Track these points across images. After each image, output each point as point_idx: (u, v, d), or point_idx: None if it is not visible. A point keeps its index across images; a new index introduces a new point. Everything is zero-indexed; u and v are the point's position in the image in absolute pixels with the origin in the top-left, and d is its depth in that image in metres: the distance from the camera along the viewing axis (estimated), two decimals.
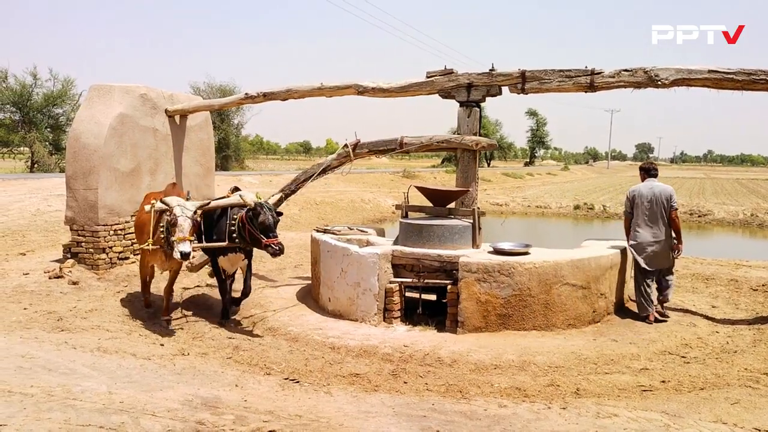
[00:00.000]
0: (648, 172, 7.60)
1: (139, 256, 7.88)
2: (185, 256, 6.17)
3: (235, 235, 6.81)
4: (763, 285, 8.96)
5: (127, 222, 9.02)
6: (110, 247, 8.76)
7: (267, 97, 9.30)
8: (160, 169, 9.78)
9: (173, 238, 6.30)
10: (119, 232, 8.90)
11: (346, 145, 8.70)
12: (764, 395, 4.86)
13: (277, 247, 6.52)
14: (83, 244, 8.64)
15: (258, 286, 8.89)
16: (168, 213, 6.52)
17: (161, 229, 6.67)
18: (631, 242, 7.39)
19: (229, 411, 4.37)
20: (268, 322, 7.03)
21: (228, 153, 39.28)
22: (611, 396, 4.90)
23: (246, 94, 9.58)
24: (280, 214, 6.93)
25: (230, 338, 6.49)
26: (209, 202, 7.03)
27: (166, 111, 9.83)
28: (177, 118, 10.10)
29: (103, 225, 8.62)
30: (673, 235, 7.27)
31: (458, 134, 8.22)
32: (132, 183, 9.14)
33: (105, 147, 8.53)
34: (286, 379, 5.18)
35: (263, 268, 10.34)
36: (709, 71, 6.89)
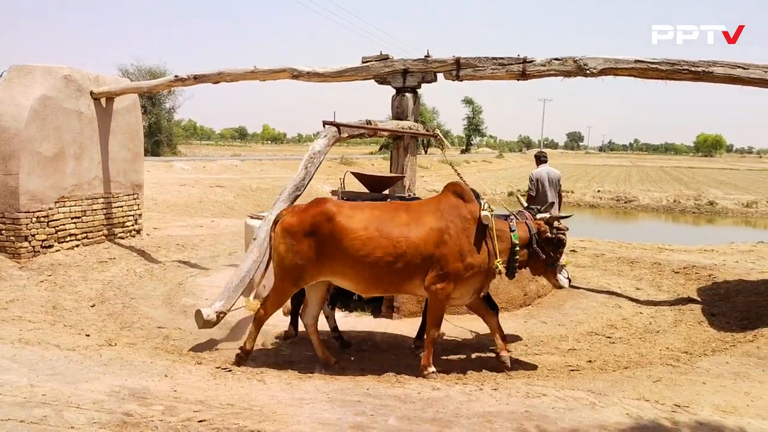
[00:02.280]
0: (540, 159, 9.10)
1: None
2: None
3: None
4: (684, 268, 9.37)
5: (50, 209, 8.66)
6: (33, 235, 8.40)
7: (198, 79, 9.06)
8: (86, 153, 9.42)
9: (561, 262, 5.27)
10: (42, 219, 8.54)
11: (334, 124, 7.94)
12: (684, 373, 5.08)
13: None
14: (3, 231, 8.26)
15: (189, 275, 8.70)
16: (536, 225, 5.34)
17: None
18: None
19: (158, 402, 4.25)
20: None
21: (160, 138, 38.19)
22: (540, 376, 5.03)
23: (176, 76, 9.32)
24: None
25: (160, 328, 6.33)
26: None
27: (92, 93, 9.46)
28: (103, 101, 9.74)
29: (25, 212, 8.25)
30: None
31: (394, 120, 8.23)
32: (56, 168, 8.76)
33: (26, 130, 8.15)
34: (218, 368, 5.08)
35: (195, 256, 10.13)
36: (635, 61, 7.11)
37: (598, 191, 31.09)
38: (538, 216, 5.42)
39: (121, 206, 10.40)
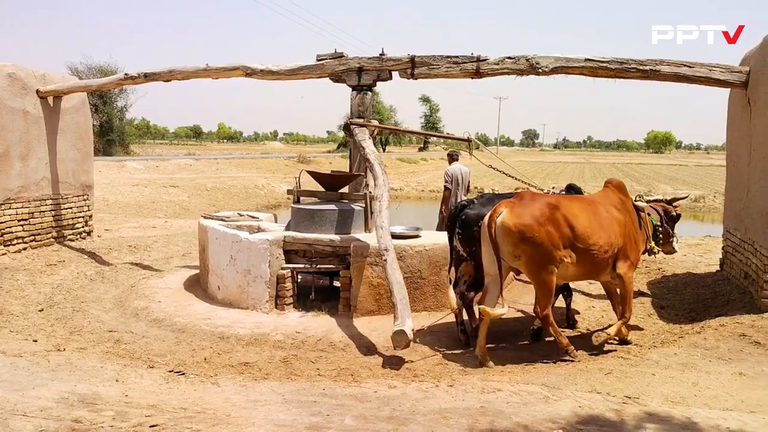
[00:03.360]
0: (452, 157, 10.02)
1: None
2: None
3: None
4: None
5: None
6: None
7: (149, 77, 8.88)
8: (33, 154, 9.14)
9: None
10: None
11: (361, 125, 7.83)
12: (634, 365, 5.20)
13: None
14: None
15: (142, 277, 8.53)
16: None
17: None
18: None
19: (109, 407, 4.16)
20: (152, 314, 6.75)
21: (111, 137, 37.37)
22: (496, 371, 5.08)
23: (126, 74, 9.12)
24: None
25: (111, 332, 6.18)
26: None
27: (38, 92, 9.19)
28: (50, 99, 9.47)
29: None
30: None
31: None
32: (0, 169, 8.48)
33: None
34: (170, 371, 4.99)
35: (148, 257, 9.94)
36: (586, 60, 7.23)
37: (553, 188, 31.56)
38: (653, 199, 6.67)
39: (71, 208, 10.13)
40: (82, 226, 10.47)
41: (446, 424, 3.91)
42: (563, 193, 6.69)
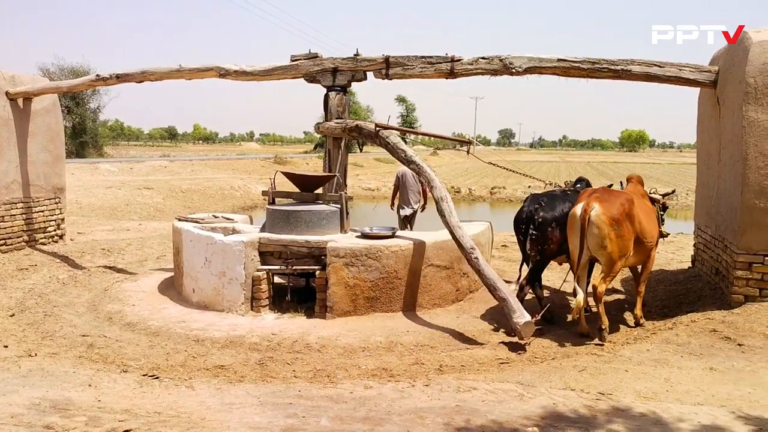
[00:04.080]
0: None
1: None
2: None
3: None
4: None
5: None
6: None
7: (121, 79, 8.78)
8: (3, 156, 9.00)
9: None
10: None
11: (387, 127, 7.88)
12: (608, 362, 5.26)
13: None
14: None
15: (116, 280, 8.42)
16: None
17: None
18: (403, 207, 10.35)
19: (81, 412, 4.12)
20: (126, 317, 6.67)
21: (85, 139, 36.93)
22: (471, 370, 5.10)
23: (97, 75, 9.01)
24: None
25: (84, 336, 6.09)
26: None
27: (7, 93, 9.06)
28: (20, 101, 9.32)
29: None
30: (422, 200, 10.47)
31: (325, 120, 8.18)
32: None
33: None
34: (144, 375, 4.93)
35: (122, 260, 9.82)
36: (558, 60, 7.29)
37: (529, 187, 31.80)
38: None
39: (42, 211, 9.98)
40: (54, 230, 10.32)
41: (422, 424, 3.93)
42: (579, 187, 7.27)
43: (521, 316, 5.83)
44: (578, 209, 5.96)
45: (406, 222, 10.43)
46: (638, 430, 3.83)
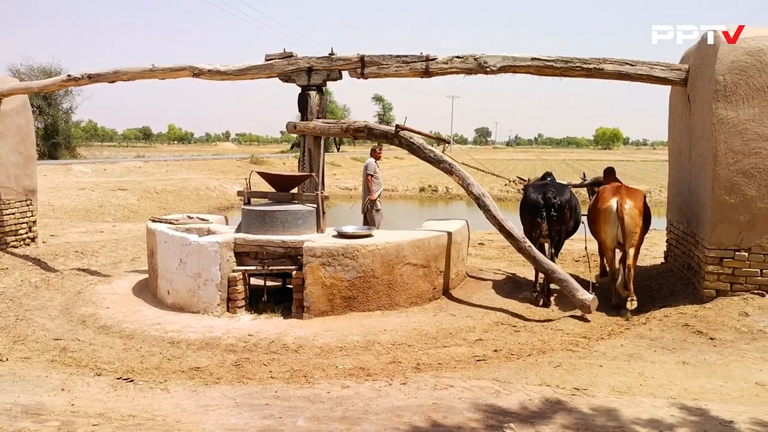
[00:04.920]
0: (373, 152, 10.36)
1: None
2: None
3: None
4: (583, 256, 9.78)
5: None
6: None
7: (93, 79, 8.67)
8: None
9: None
10: None
11: (406, 129, 7.87)
12: (582, 357, 5.31)
13: None
14: None
15: (89, 283, 8.30)
16: None
17: None
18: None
19: (54, 417, 4.06)
20: (100, 320, 6.57)
21: (57, 140, 36.35)
22: (448, 368, 5.12)
23: (69, 75, 8.89)
24: None
25: (57, 340, 5.99)
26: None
27: None
28: None
29: None
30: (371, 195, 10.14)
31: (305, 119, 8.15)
32: None
33: None
34: (118, 378, 4.87)
35: (96, 263, 9.69)
36: (532, 59, 7.36)
37: (506, 185, 31.99)
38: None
39: (13, 213, 9.82)
40: (26, 232, 10.16)
41: (399, 422, 3.93)
42: (549, 180, 8.06)
43: (584, 294, 6.69)
44: (614, 204, 6.99)
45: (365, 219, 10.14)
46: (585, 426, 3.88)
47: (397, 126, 7.81)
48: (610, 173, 8.27)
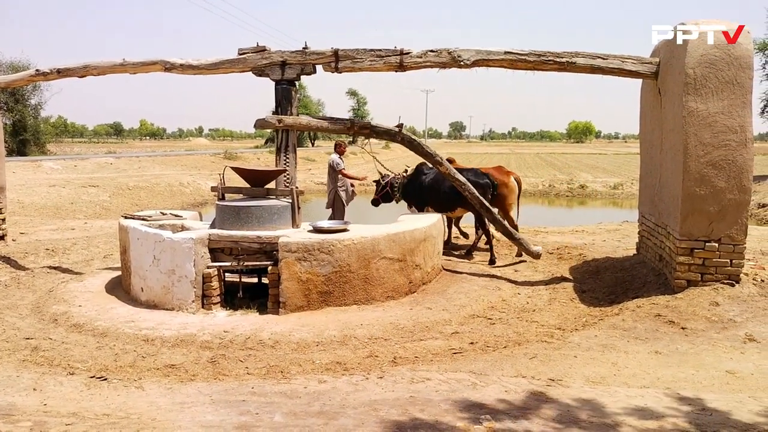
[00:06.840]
0: (337, 147, 10.68)
1: None
2: None
3: None
4: (557, 249, 9.91)
5: None
6: None
7: (62, 73, 8.50)
8: None
9: None
10: None
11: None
12: (557, 348, 5.37)
13: None
14: None
15: (61, 281, 8.17)
16: None
17: None
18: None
19: (26, 417, 3.99)
20: (72, 318, 6.47)
21: (26, 137, 35.61)
22: (425, 361, 5.14)
23: (37, 70, 8.72)
24: None
25: (28, 339, 5.88)
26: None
27: None
28: None
29: None
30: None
31: (276, 113, 8.09)
32: None
33: None
34: (92, 377, 4.80)
35: (67, 260, 9.54)
36: (505, 53, 7.39)
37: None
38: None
39: None
40: None
41: (376, 416, 3.94)
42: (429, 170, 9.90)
43: (536, 245, 8.96)
44: (513, 180, 9.95)
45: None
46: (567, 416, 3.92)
47: (398, 125, 8.30)
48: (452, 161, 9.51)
